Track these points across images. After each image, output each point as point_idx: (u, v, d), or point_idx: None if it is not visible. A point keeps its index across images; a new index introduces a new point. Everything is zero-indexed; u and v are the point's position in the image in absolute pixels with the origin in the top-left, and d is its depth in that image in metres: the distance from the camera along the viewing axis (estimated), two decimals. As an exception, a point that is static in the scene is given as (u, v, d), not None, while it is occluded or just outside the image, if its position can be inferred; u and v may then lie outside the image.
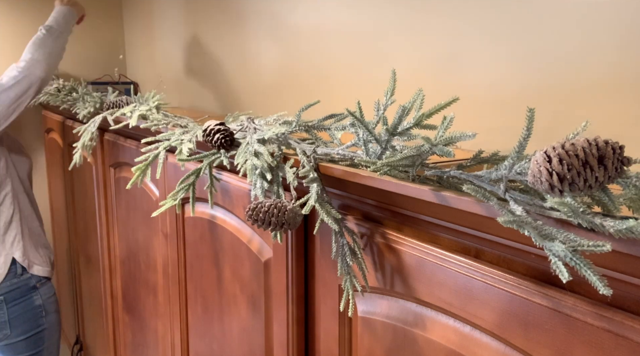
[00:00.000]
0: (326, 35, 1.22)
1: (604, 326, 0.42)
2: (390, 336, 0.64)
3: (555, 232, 0.42)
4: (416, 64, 1.00)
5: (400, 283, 0.61)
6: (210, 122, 0.82)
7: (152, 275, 1.32)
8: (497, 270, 0.50)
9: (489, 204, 0.46)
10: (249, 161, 0.73)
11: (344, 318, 0.71)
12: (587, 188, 0.41)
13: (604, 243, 0.38)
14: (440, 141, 0.51)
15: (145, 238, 1.33)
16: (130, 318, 1.57)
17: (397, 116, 0.58)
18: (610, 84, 0.73)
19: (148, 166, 0.86)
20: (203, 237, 1.03)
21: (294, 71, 1.34)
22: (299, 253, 0.77)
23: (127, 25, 2.23)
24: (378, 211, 0.66)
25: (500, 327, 0.50)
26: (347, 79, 1.17)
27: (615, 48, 0.72)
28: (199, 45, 1.75)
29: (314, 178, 0.65)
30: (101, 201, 1.59)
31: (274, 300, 0.82)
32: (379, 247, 0.63)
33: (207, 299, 1.05)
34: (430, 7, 0.96)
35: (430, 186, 0.53)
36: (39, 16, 2.05)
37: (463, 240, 0.56)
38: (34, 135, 2.18)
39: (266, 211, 0.63)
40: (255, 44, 1.46)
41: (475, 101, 0.89)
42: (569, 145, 0.41)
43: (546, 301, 0.46)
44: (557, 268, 0.40)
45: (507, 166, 0.47)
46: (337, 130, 0.73)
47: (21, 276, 1.60)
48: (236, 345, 0.97)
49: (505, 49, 0.85)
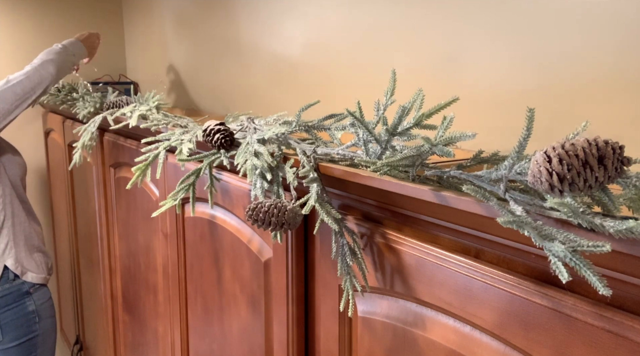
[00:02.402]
0: (326, 36, 1.22)
1: (604, 326, 0.42)
2: (390, 336, 0.64)
3: (555, 232, 0.42)
4: (416, 64, 1.00)
5: (400, 283, 0.61)
6: (210, 122, 0.82)
7: (152, 275, 1.32)
8: (497, 270, 0.50)
9: (489, 204, 0.46)
10: (249, 161, 0.73)
11: (344, 318, 0.71)
12: (587, 188, 0.41)
13: (603, 243, 0.38)
14: (440, 141, 0.51)
15: (146, 238, 1.33)
16: (130, 318, 1.57)
17: (397, 116, 0.58)
18: (610, 84, 0.73)
19: (148, 166, 0.86)
20: (203, 237, 1.03)
21: (294, 71, 1.34)
22: (299, 253, 0.77)
23: (127, 25, 2.23)
24: (378, 211, 0.66)
25: (500, 327, 0.50)
26: (347, 79, 1.17)
27: (615, 48, 0.72)
28: (199, 45, 1.75)
29: (314, 178, 0.65)
30: (101, 201, 1.59)
31: (274, 300, 0.82)
32: (379, 247, 0.63)
33: (207, 299, 1.05)
34: (431, 7, 0.96)
35: (430, 186, 0.53)
36: (40, 19, 2.05)
37: (463, 240, 0.56)
38: (34, 135, 2.18)
39: (266, 211, 0.63)
40: (256, 44, 1.46)
41: (475, 101, 0.89)
42: (568, 145, 0.41)
43: (546, 301, 0.46)
44: (557, 268, 0.40)
45: (507, 166, 0.47)
46: (337, 130, 0.73)
47: (13, 281, 1.57)
48: (236, 345, 0.97)
49: (505, 49, 0.85)
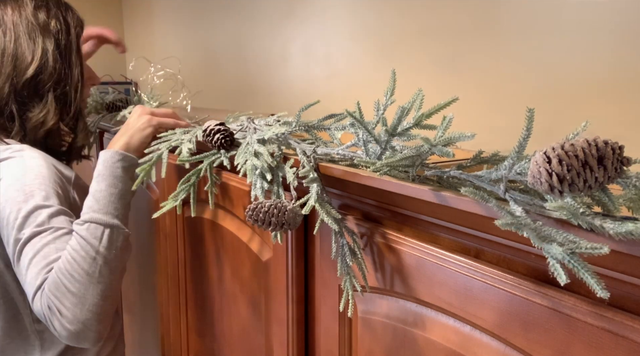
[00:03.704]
0: (327, 35, 1.22)
1: (604, 326, 0.42)
2: (390, 336, 0.64)
3: (554, 233, 0.42)
4: (416, 64, 1.00)
5: (400, 283, 0.61)
6: (210, 123, 0.82)
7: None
8: (497, 270, 0.50)
9: (488, 205, 0.46)
10: (249, 161, 0.73)
11: (344, 318, 0.71)
12: (586, 189, 0.41)
13: (601, 246, 0.38)
14: (440, 142, 0.51)
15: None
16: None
17: (397, 116, 0.58)
18: (610, 84, 0.73)
19: (152, 166, 0.86)
20: (203, 237, 1.03)
21: (295, 71, 1.34)
22: (299, 253, 0.77)
23: (127, 25, 2.23)
24: (378, 211, 0.66)
25: (500, 327, 0.50)
26: (347, 79, 1.17)
27: (615, 48, 0.72)
28: (199, 45, 1.75)
29: (314, 178, 0.65)
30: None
31: (274, 300, 0.82)
32: (379, 247, 0.63)
33: (207, 299, 1.05)
34: (431, 7, 0.96)
35: (430, 186, 0.53)
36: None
37: (463, 240, 0.56)
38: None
39: (266, 211, 0.63)
40: (256, 44, 1.46)
41: (475, 101, 0.89)
42: (568, 145, 0.41)
43: (546, 301, 0.46)
44: (555, 270, 0.40)
45: (507, 167, 0.47)
46: (337, 130, 0.73)
47: None
48: (236, 345, 0.97)
49: (506, 49, 0.85)
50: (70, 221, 0.86)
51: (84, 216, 0.85)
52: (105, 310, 0.81)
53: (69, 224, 0.85)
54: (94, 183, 0.90)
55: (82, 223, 0.83)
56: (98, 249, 0.81)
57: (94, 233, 0.82)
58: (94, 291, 0.80)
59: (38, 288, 0.80)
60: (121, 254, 0.85)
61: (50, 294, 0.79)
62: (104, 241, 0.83)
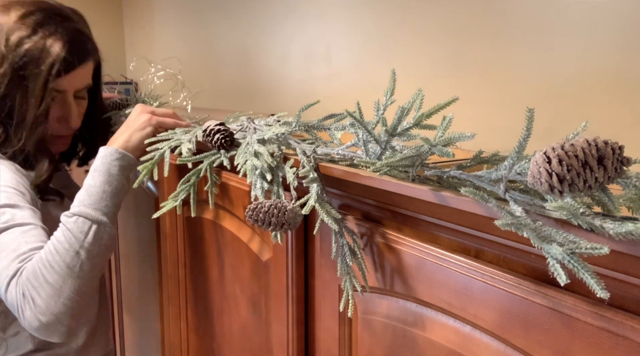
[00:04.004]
0: (327, 35, 1.22)
1: (603, 326, 0.42)
2: (390, 336, 0.64)
3: (554, 233, 0.42)
4: (416, 64, 1.00)
5: (400, 283, 0.61)
6: (210, 123, 0.82)
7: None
8: (497, 270, 0.50)
9: (488, 205, 0.46)
10: (249, 162, 0.73)
11: (344, 318, 0.71)
12: (586, 189, 0.41)
13: (601, 246, 0.38)
14: (440, 142, 0.51)
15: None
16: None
17: (397, 116, 0.58)
18: (610, 84, 0.73)
19: (154, 165, 0.86)
20: (203, 237, 1.03)
21: (295, 71, 1.34)
22: (299, 253, 0.77)
23: (127, 25, 2.23)
24: (378, 211, 0.66)
25: (500, 327, 0.50)
26: (347, 79, 1.17)
27: (615, 48, 0.72)
28: (199, 45, 1.75)
29: (314, 178, 0.65)
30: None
31: (274, 300, 0.82)
32: (378, 247, 0.63)
33: (207, 299, 1.05)
34: (431, 7, 0.96)
35: (430, 186, 0.53)
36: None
37: (463, 240, 0.56)
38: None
39: (266, 211, 0.63)
40: (256, 44, 1.46)
41: (475, 101, 0.89)
42: (568, 146, 0.41)
43: (546, 301, 0.46)
44: (555, 271, 0.40)
45: (507, 167, 0.47)
46: (337, 130, 0.73)
47: None
48: (236, 344, 0.97)
49: (506, 49, 0.85)
50: (37, 217, 0.86)
51: (74, 209, 0.84)
52: (80, 305, 0.80)
53: (36, 220, 0.85)
54: (89, 177, 0.89)
55: (71, 216, 0.83)
56: (82, 244, 0.81)
57: (81, 227, 0.82)
58: (71, 285, 0.79)
59: (12, 276, 0.78)
60: (104, 252, 0.84)
61: (27, 282, 0.77)
62: (89, 236, 0.82)
